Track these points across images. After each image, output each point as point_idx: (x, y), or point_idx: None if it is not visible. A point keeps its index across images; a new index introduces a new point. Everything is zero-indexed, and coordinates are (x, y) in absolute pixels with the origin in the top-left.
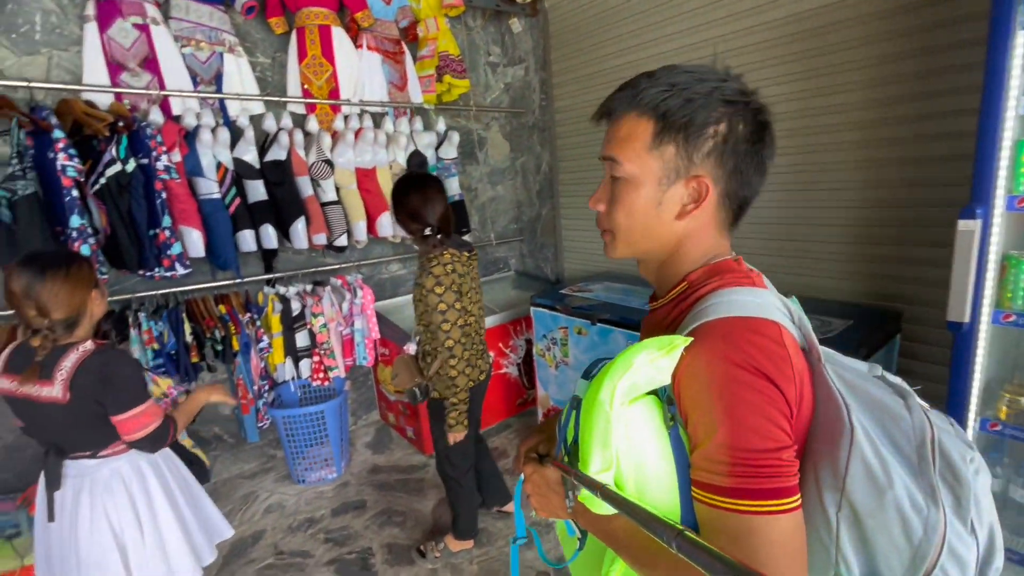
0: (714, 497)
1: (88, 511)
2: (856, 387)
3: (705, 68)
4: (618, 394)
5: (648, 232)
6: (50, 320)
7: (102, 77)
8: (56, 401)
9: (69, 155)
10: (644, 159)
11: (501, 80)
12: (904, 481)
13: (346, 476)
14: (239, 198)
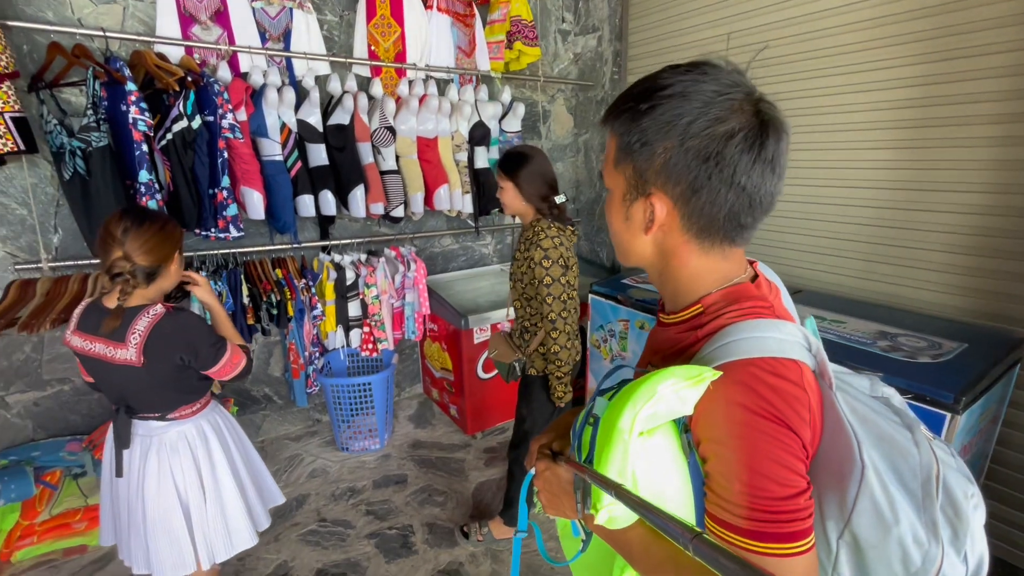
0: (729, 534)
1: (156, 471)
2: (867, 420)
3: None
4: (639, 422)
5: (626, 244)
6: (133, 265)
7: (174, 29)
8: (130, 363)
9: (140, 108)
10: (613, 175)
11: (571, 49)
12: (909, 517)
13: (388, 448)
14: (300, 161)
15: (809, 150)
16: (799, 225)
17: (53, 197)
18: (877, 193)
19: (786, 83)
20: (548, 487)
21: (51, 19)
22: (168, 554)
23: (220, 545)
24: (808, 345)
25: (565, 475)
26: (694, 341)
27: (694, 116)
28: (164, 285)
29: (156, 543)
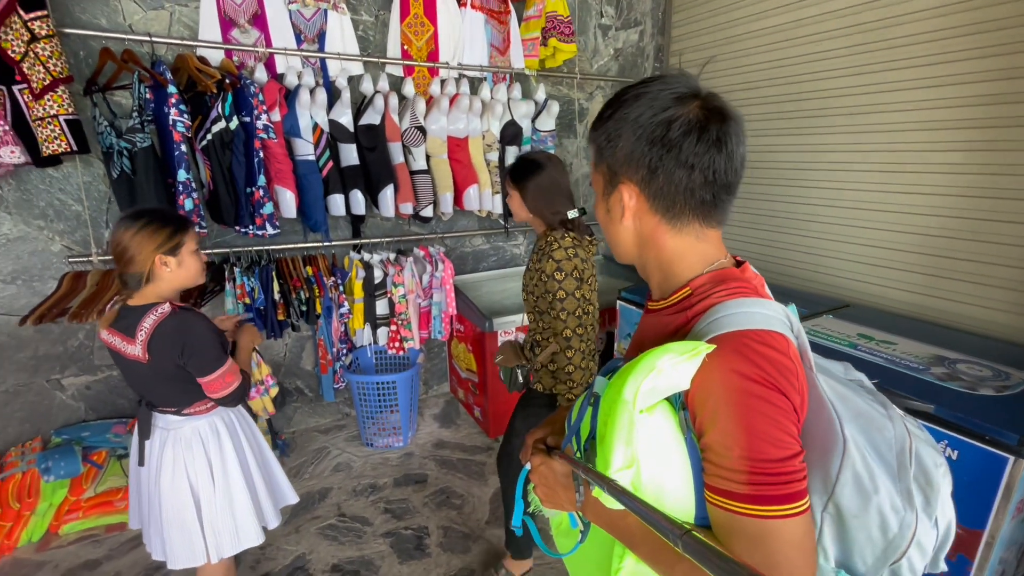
0: (731, 503)
1: (171, 463)
2: (846, 398)
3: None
4: (641, 394)
5: (613, 237)
6: (121, 272)
7: (215, 33)
8: (138, 359)
9: (180, 110)
10: (595, 176)
11: (611, 45)
12: (887, 487)
13: (412, 446)
14: (332, 161)
15: (860, 151)
16: (847, 232)
17: (105, 194)
18: (943, 200)
19: (835, 79)
20: (544, 481)
21: (104, 25)
22: (180, 545)
23: (227, 540)
24: (790, 325)
25: (561, 469)
26: (685, 321)
27: (643, 110)
28: (162, 288)
29: (170, 533)
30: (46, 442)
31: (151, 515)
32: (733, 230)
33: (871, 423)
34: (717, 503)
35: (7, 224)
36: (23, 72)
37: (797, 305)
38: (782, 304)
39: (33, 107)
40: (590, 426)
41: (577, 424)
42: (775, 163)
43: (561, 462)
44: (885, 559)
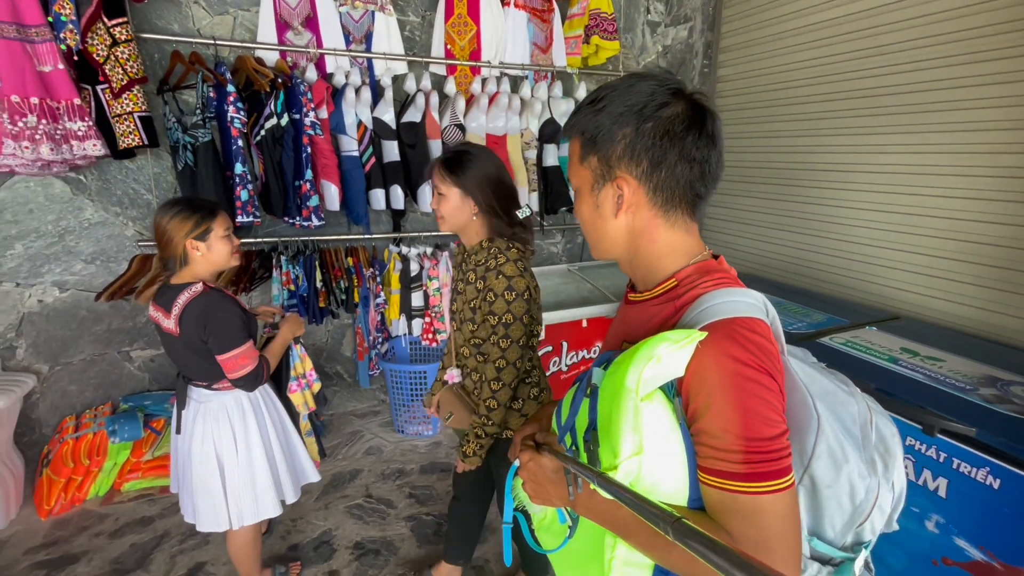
0: (727, 482)
1: (200, 434)
2: (814, 378)
3: (624, 77)
4: (644, 382)
5: (598, 232)
6: (161, 255)
7: (272, 35)
8: (172, 333)
9: (237, 108)
10: (579, 172)
11: (660, 42)
12: (853, 456)
13: (440, 436)
14: (374, 157)
15: (918, 152)
16: (899, 239)
17: (171, 185)
18: (1006, 207)
19: (893, 75)
20: (533, 477)
21: (176, 30)
22: (206, 510)
23: (248, 509)
24: (766, 311)
25: (549, 464)
26: (673, 311)
27: (643, 104)
28: (197, 270)
29: (198, 498)
30: (115, 407)
31: (184, 480)
32: (773, 233)
33: (836, 400)
34: (713, 484)
35: (89, 210)
36: (105, 73)
37: (839, 315)
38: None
39: (112, 105)
40: (588, 418)
41: (572, 419)
42: (822, 164)
43: (550, 458)
44: (852, 523)
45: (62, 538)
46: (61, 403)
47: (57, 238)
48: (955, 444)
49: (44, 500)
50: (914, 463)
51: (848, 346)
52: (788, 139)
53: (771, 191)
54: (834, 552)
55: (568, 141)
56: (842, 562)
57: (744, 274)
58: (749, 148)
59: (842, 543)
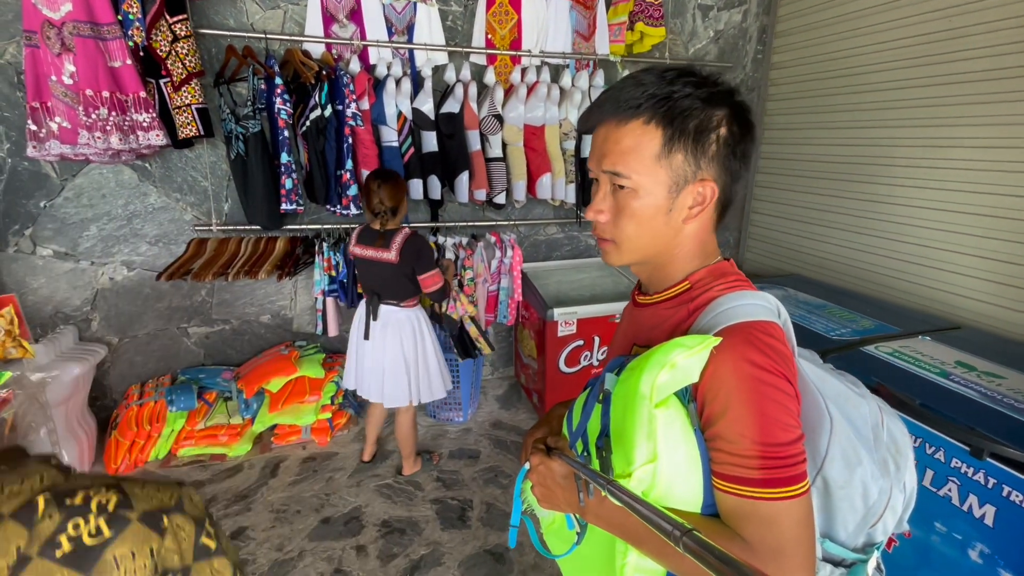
0: (743, 488)
1: (392, 337)
2: (824, 380)
3: (689, 70)
4: (658, 388)
5: (656, 238)
6: (386, 206)
7: (318, 28)
8: (390, 262)
9: (284, 99)
10: (653, 169)
11: (712, 27)
12: (866, 458)
13: (470, 423)
14: (413, 147)
15: (989, 147)
16: (966, 242)
17: (225, 173)
18: None
19: (974, 60)
20: (543, 481)
21: (232, 25)
22: (394, 391)
23: (425, 390)
24: (778, 313)
25: (559, 469)
26: (687, 315)
27: (732, 109)
28: (400, 218)
29: (388, 384)
30: (174, 379)
31: (372, 373)
32: (826, 231)
33: (847, 401)
34: (728, 490)
35: (153, 195)
36: (167, 68)
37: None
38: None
39: (173, 97)
40: (600, 424)
41: (583, 424)
42: (884, 158)
43: (560, 463)
44: (864, 524)
45: None
46: (128, 372)
47: (126, 221)
48: (1006, 470)
49: (112, 459)
50: (959, 486)
51: (895, 356)
52: (846, 131)
53: (825, 187)
54: (846, 553)
55: (622, 126)
56: (854, 563)
57: (792, 274)
58: (803, 140)
59: (854, 544)
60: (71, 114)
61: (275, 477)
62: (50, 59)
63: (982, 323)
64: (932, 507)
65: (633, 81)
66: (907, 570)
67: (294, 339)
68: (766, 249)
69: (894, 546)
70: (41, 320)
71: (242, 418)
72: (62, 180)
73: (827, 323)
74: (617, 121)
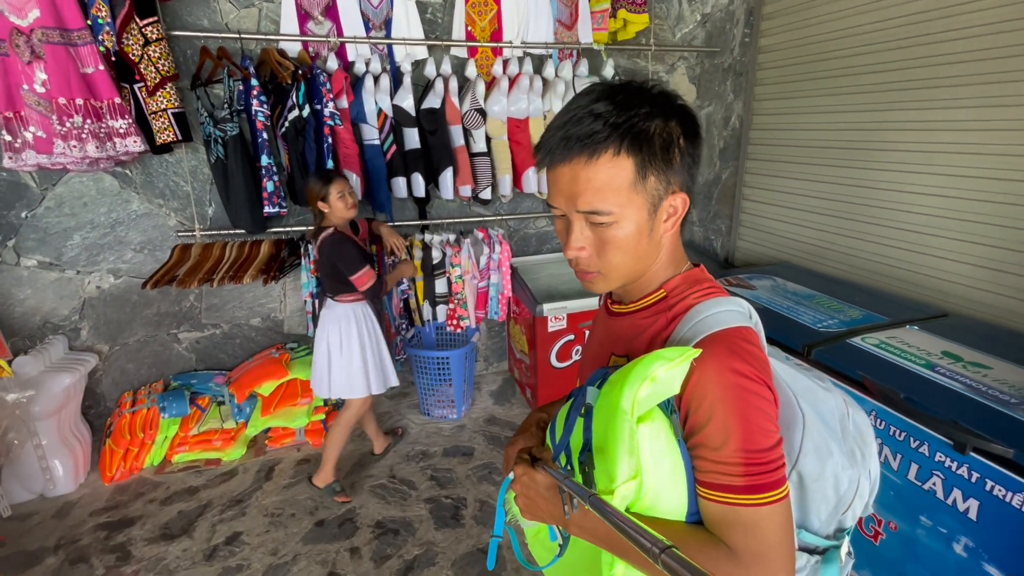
0: (728, 496)
1: (321, 330)
2: (794, 377)
3: (636, 86)
4: (639, 403)
5: (641, 259)
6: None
7: (293, 26)
8: (317, 258)
9: (260, 101)
10: (631, 198)
11: (698, 10)
12: (836, 450)
13: (465, 419)
14: (395, 145)
15: (979, 129)
16: (955, 227)
17: (207, 177)
18: None
19: (963, 40)
20: (526, 492)
21: (206, 26)
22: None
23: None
24: (750, 316)
25: (543, 481)
26: (665, 323)
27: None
28: (329, 220)
29: (332, 376)
30: (166, 385)
31: (318, 367)
32: (814, 218)
33: (816, 396)
34: (713, 498)
35: (136, 202)
36: (140, 72)
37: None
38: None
39: (149, 102)
40: (583, 438)
41: (566, 438)
42: (872, 143)
43: (544, 474)
44: (836, 512)
45: (121, 502)
46: (121, 379)
47: (109, 228)
48: (990, 464)
49: (107, 467)
50: (943, 481)
51: (881, 348)
52: (832, 114)
53: (815, 172)
54: (819, 541)
55: (593, 163)
56: (827, 550)
57: (780, 261)
58: (792, 125)
59: (826, 532)
60: (45, 123)
61: (269, 480)
62: (20, 67)
63: (970, 309)
64: (917, 501)
65: (587, 113)
66: (893, 563)
67: (285, 341)
68: (758, 237)
69: (881, 539)
70: (30, 331)
71: (235, 422)
72: (42, 190)
73: (815, 314)
74: (585, 159)
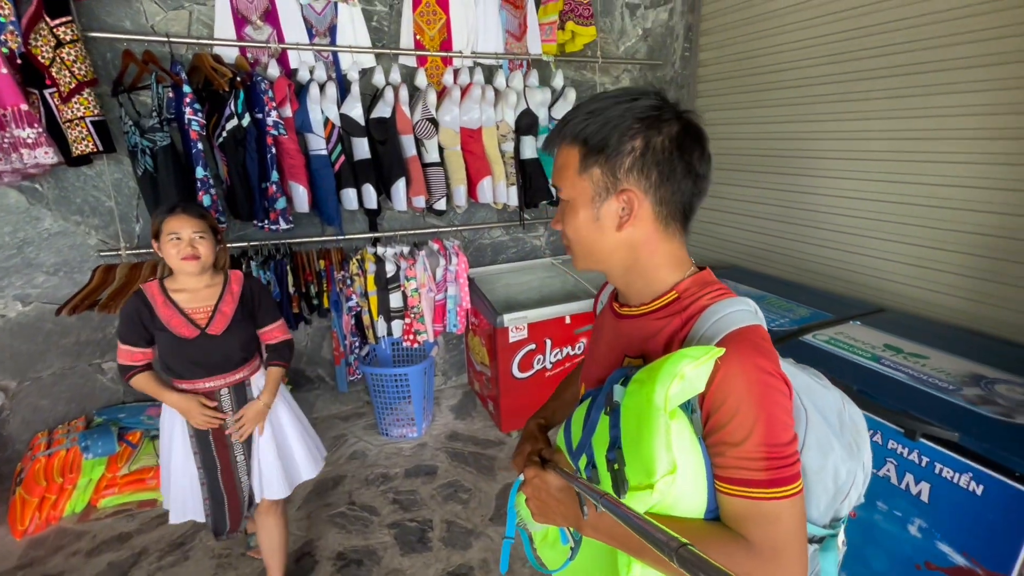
0: (750, 490)
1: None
2: (795, 375)
3: (624, 90)
4: (671, 399)
5: (594, 245)
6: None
7: (229, 31)
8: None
9: (194, 109)
10: (576, 183)
11: (640, 25)
12: (836, 443)
13: (425, 437)
14: (344, 155)
15: (905, 138)
16: (886, 229)
17: (133, 191)
18: (999, 195)
19: (881, 57)
20: (538, 495)
21: (128, 28)
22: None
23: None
24: (757, 314)
25: (555, 482)
26: (680, 324)
27: (651, 117)
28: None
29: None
30: (89, 421)
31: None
32: (760, 223)
33: (815, 393)
34: (735, 493)
35: (48, 220)
36: (52, 76)
37: (824, 308)
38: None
39: (62, 110)
40: (609, 436)
41: (587, 438)
42: (807, 151)
43: (556, 476)
44: (834, 503)
45: (37, 559)
46: (33, 418)
47: (16, 250)
48: (937, 448)
49: (18, 520)
50: (896, 466)
51: (831, 344)
52: (771, 125)
53: (755, 179)
54: (817, 530)
55: (557, 149)
56: (824, 538)
57: (730, 265)
58: (732, 135)
59: (824, 522)
60: None
61: None
62: None
63: (903, 305)
64: (873, 487)
65: (573, 109)
66: (854, 547)
67: None
68: (706, 242)
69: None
70: None
71: None
72: None
73: (768, 314)
74: (557, 143)
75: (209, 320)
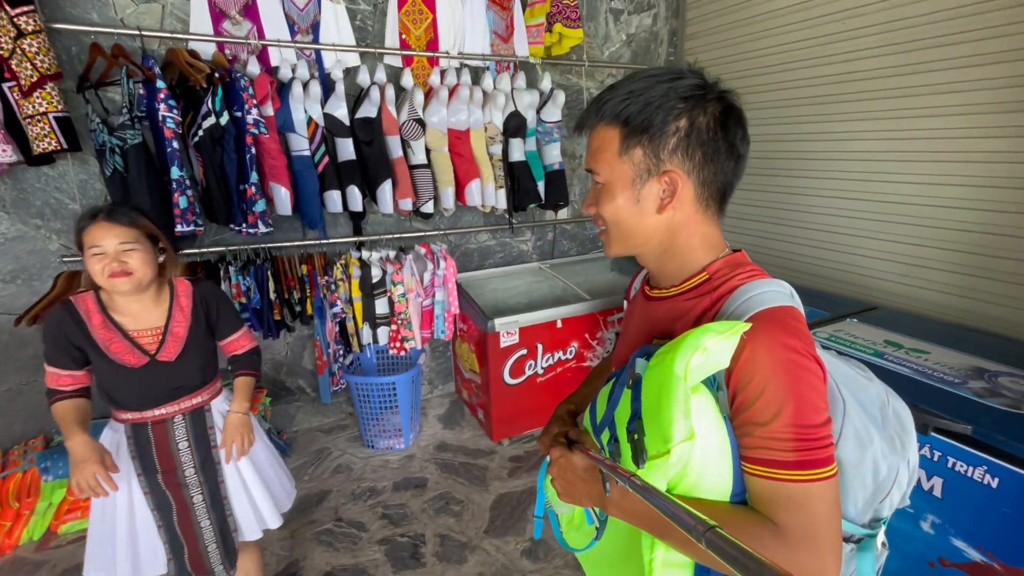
0: (777, 471)
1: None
2: (834, 364)
3: (664, 69)
4: (692, 371)
5: (633, 228)
6: None
7: (206, 26)
8: None
9: (169, 106)
10: (615, 165)
11: (624, 30)
12: (876, 437)
13: (413, 448)
14: (328, 156)
15: (894, 138)
16: (877, 228)
17: (101, 192)
18: (987, 192)
19: (867, 59)
20: (563, 475)
21: (95, 20)
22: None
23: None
24: (793, 297)
25: (580, 463)
26: (710, 303)
27: (694, 101)
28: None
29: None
30: (48, 440)
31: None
32: (750, 224)
33: (856, 384)
34: (762, 474)
35: (4, 223)
36: (11, 69)
37: (819, 307)
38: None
39: (23, 105)
40: (631, 408)
41: (610, 413)
42: (797, 152)
43: (581, 456)
44: (873, 500)
45: None
46: None
47: None
48: (950, 442)
49: None
50: None
51: (833, 341)
52: (760, 127)
53: (746, 182)
54: (855, 529)
55: (592, 130)
56: (862, 539)
57: None
58: None
59: (862, 520)
60: None
61: None
62: None
63: (894, 302)
64: None
65: (609, 88)
66: None
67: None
68: None
69: None
70: None
71: None
72: None
73: None
74: (593, 124)
75: (160, 345)
